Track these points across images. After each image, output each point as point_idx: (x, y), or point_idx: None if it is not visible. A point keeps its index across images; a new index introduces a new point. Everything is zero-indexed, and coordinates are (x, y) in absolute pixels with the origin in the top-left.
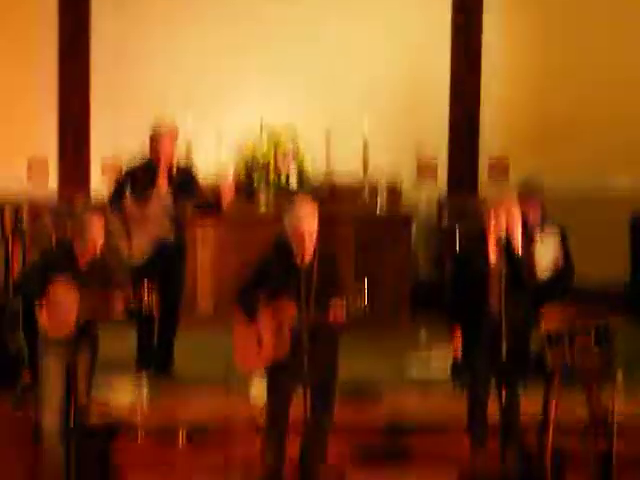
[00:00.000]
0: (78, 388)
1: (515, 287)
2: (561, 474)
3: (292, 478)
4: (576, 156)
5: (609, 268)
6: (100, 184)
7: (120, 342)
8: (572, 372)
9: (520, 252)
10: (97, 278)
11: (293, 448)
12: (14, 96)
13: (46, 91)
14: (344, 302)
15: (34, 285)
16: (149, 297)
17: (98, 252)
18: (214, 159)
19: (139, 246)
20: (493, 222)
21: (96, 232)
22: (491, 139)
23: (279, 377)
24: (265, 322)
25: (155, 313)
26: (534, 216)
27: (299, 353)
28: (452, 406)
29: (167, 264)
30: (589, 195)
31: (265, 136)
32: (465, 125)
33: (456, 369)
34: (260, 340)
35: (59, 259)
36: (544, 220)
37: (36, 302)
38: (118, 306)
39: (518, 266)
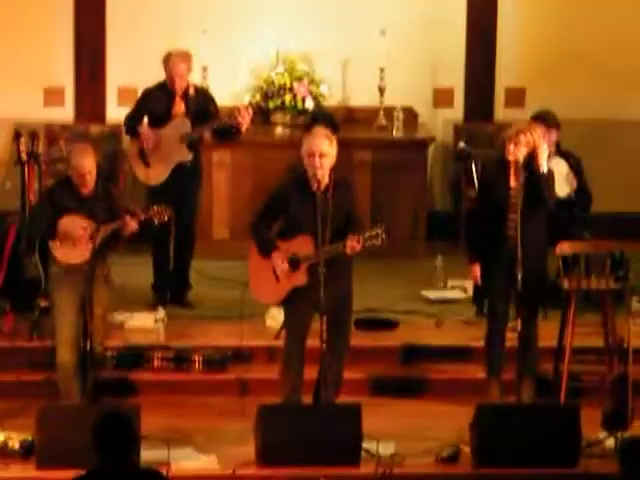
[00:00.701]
0: (94, 320)
1: (533, 212)
2: (577, 400)
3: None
4: (593, 86)
5: (626, 197)
6: (116, 112)
7: (137, 275)
8: (588, 298)
9: (543, 169)
10: (103, 206)
11: (310, 376)
12: (29, 24)
13: (61, 19)
14: (361, 236)
15: (42, 222)
16: (163, 216)
17: (90, 183)
18: (230, 85)
19: (156, 170)
20: (513, 146)
21: (84, 163)
22: (508, 67)
23: (296, 305)
24: (281, 256)
25: (170, 232)
26: (549, 145)
27: (315, 283)
28: (468, 336)
29: (183, 188)
30: (606, 125)
31: (281, 62)
32: (482, 52)
33: (476, 296)
34: (276, 274)
35: (63, 191)
36: (559, 151)
37: (48, 238)
38: (131, 226)
39: (538, 187)
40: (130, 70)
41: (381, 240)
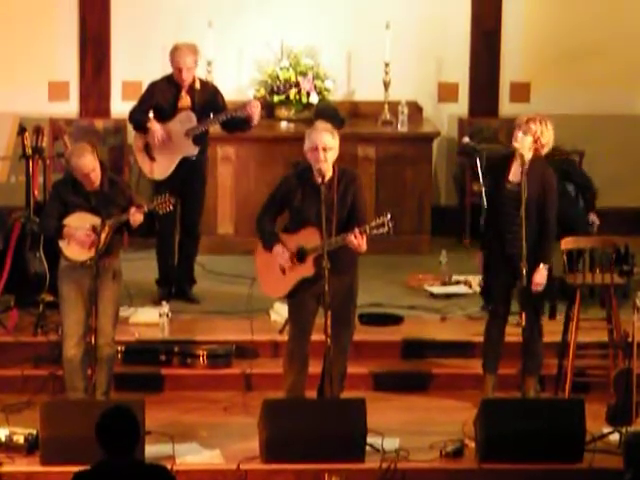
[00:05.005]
0: (104, 318)
1: (537, 206)
2: (581, 396)
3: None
4: (598, 80)
5: (631, 191)
6: (120, 106)
7: (141, 270)
8: (592, 293)
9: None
10: (110, 200)
11: (315, 370)
12: (34, 19)
13: (66, 13)
14: (367, 226)
15: (54, 220)
16: (167, 206)
17: (96, 180)
18: (234, 79)
19: (161, 164)
20: (522, 134)
21: (85, 164)
22: (512, 61)
23: (300, 299)
24: (282, 248)
25: (175, 226)
26: None
27: (320, 275)
28: (473, 331)
29: (188, 182)
30: (611, 119)
31: (286, 56)
32: (486, 47)
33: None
34: (282, 267)
35: (68, 187)
36: None
37: (57, 238)
38: (137, 217)
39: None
40: (135, 64)
41: (388, 228)
